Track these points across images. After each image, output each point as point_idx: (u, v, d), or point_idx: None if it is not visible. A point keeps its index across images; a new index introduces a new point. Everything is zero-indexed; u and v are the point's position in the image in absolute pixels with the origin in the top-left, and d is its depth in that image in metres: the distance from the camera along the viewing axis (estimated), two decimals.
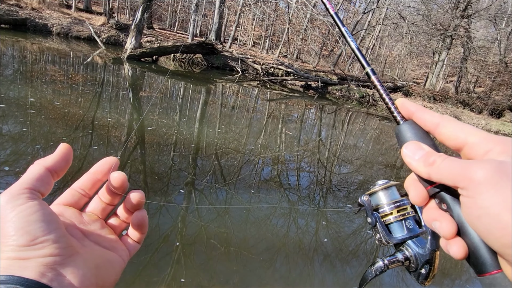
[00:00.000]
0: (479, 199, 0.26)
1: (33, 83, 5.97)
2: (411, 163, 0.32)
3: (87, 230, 0.38)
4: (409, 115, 0.36)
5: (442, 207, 0.31)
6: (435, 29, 20.88)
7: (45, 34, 13.17)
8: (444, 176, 0.29)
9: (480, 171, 0.26)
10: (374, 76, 0.38)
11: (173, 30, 25.22)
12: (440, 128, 0.33)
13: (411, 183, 0.34)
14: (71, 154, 0.39)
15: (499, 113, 17.95)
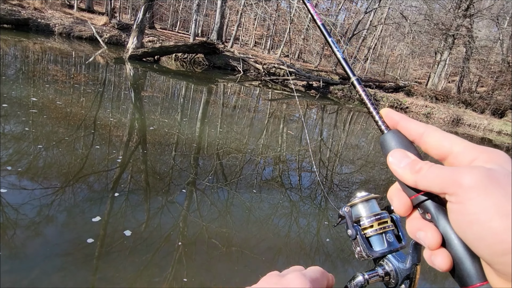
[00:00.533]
0: (468, 205, 0.25)
1: (35, 82, 5.99)
2: (397, 171, 0.32)
3: None
4: (394, 125, 0.36)
5: (426, 217, 0.30)
6: (437, 28, 20.81)
7: (47, 34, 13.20)
8: (432, 183, 0.29)
9: (470, 176, 0.26)
10: (359, 85, 0.39)
11: (174, 30, 25.24)
12: (424, 137, 0.33)
13: (395, 193, 0.33)
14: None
15: (502, 113, 17.88)
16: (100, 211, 2.70)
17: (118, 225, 2.59)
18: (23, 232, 2.28)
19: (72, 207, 2.69)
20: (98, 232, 2.45)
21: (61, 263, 2.08)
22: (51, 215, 2.52)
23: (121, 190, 3.13)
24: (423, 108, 15.64)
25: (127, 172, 3.55)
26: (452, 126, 14.20)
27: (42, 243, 2.23)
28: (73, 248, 2.23)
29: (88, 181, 3.15)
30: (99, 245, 2.31)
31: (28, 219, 2.41)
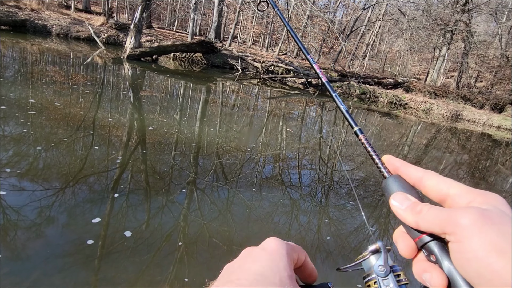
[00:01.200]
0: (466, 243, 0.27)
1: (33, 84, 5.98)
2: (399, 213, 0.34)
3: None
4: (395, 170, 0.38)
5: (431, 259, 0.31)
6: (436, 24, 20.78)
7: (45, 35, 13.17)
8: (432, 223, 0.30)
9: (466, 216, 0.28)
10: (361, 135, 0.42)
11: (172, 29, 25.19)
12: (424, 181, 0.35)
13: (400, 236, 0.35)
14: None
15: (501, 108, 17.88)
16: (100, 212, 2.70)
17: (118, 226, 2.59)
18: (24, 233, 2.28)
19: (72, 208, 2.69)
20: (98, 233, 2.45)
21: (62, 264, 2.08)
22: (51, 217, 2.52)
23: (121, 190, 3.13)
24: (422, 104, 15.64)
25: (127, 172, 3.55)
26: (451, 121, 14.20)
27: (42, 244, 2.23)
28: (74, 249, 2.23)
29: (88, 182, 3.15)
30: (100, 246, 2.31)
31: (28, 220, 2.41)
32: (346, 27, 24.42)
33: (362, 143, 0.42)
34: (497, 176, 7.17)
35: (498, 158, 8.97)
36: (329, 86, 0.49)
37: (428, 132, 10.95)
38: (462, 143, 10.17)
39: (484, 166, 7.80)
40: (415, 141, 9.12)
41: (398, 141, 8.44)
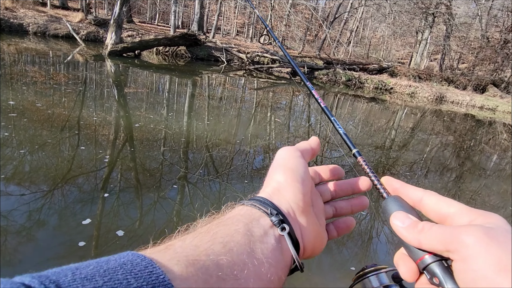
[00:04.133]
0: (471, 262, 0.26)
1: (12, 85, 5.79)
2: (400, 231, 0.33)
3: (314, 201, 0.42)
4: (394, 191, 0.39)
5: (434, 281, 0.30)
6: (417, 7, 20.93)
7: (21, 34, 12.72)
8: (434, 241, 0.30)
9: (471, 233, 0.27)
10: (360, 157, 0.44)
11: (154, 23, 24.66)
12: (423, 201, 0.35)
13: (400, 258, 0.34)
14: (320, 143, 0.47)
15: (483, 88, 18.28)
16: (91, 212, 2.67)
17: (110, 226, 2.57)
18: (14, 238, 2.24)
19: (62, 210, 2.65)
20: (90, 234, 2.42)
21: (55, 267, 2.06)
22: (41, 220, 2.48)
23: (111, 189, 3.09)
24: (407, 88, 15.85)
25: (116, 171, 3.50)
26: (436, 104, 14.46)
27: (33, 248, 2.20)
28: (66, 252, 2.21)
29: (77, 182, 3.10)
30: (93, 246, 2.29)
31: (17, 225, 2.37)
32: (329, 14, 24.38)
33: (360, 164, 0.43)
34: (481, 155, 7.37)
35: (481, 138, 9.21)
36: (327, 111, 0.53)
37: (414, 115, 11.14)
38: (447, 124, 10.39)
39: (468, 146, 8.01)
40: (402, 125, 9.27)
41: (385, 126, 8.56)
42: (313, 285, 2.31)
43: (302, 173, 0.38)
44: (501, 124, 11.95)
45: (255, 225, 0.34)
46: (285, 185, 0.37)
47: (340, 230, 0.45)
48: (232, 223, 0.33)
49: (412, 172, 5.22)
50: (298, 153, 0.40)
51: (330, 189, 0.46)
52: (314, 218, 0.39)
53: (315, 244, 0.39)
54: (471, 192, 4.81)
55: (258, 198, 0.37)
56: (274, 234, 0.34)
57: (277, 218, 0.34)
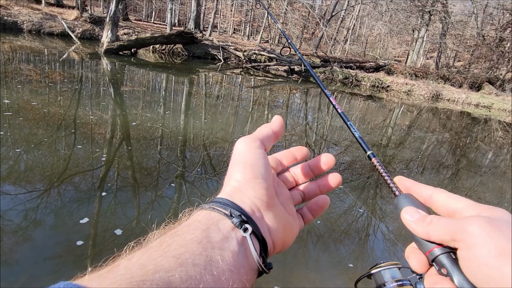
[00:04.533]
0: (476, 249, 0.28)
1: (7, 84, 5.74)
2: (410, 225, 0.35)
3: (278, 191, 0.42)
4: (406, 189, 0.40)
5: (442, 272, 0.32)
6: (414, 5, 20.98)
7: (16, 32, 12.61)
8: (442, 232, 0.32)
9: (475, 223, 0.29)
10: (374, 158, 0.45)
11: (150, 21, 24.53)
12: (433, 198, 0.37)
13: (411, 251, 0.37)
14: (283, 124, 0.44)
15: (478, 86, 18.39)
16: (88, 211, 2.66)
17: (108, 225, 2.56)
18: (10, 238, 2.23)
19: (59, 209, 2.64)
20: (87, 233, 2.41)
21: (51, 267, 2.05)
22: (37, 219, 2.46)
23: (108, 188, 3.08)
24: (403, 86, 15.91)
25: (113, 169, 3.49)
26: (432, 101, 14.53)
27: (30, 247, 2.19)
28: (63, 251, 2.20)
29: (74, 182, 3.09)
30: (91, 245, 2.28)
31: (14, 224, 2.35)
32: (326, 12, 24.36)
33: (374, 165, 0.44)
34: (477, 152, 7.43)
35: (477, 135, 9.28)
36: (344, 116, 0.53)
37: (410, 113, 11.18)
38: (443, 122, 10.45)
39: (464, 143, 8.06)
40: (398, 122, 9.31)
41: (382, 123, 8.59)
42: (311, 282, 2.32)
43: (262, 166, 0.36)
44: (496, 122, 12.04)
45: (214, 230, 0.32)
46: (245, 182, 0.36)
47: (314, 212, 0.44)
48: (188, 231, 0.31)
49: (408, 170, 5.25)
50: (257, 143, 0.38)
51: (293, 174, 0.46)
52: (281, 210, 0.39)
53: (285, 237, 0.38)
54: (466, 189, 4.85)
55: (217, 199, 0.36)
56: (236, 237, 0.32)
57: (238, 219, 0.33)
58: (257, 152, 0.37)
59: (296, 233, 0.42)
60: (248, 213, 0.34)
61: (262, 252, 0.34)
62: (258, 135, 0.40)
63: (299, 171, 0.46)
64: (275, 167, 0.44)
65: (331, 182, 0.44)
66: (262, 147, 0.38)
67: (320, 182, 0.45)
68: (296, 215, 0.43)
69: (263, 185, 0.36)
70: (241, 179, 0.36)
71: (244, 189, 0.36)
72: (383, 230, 3.30)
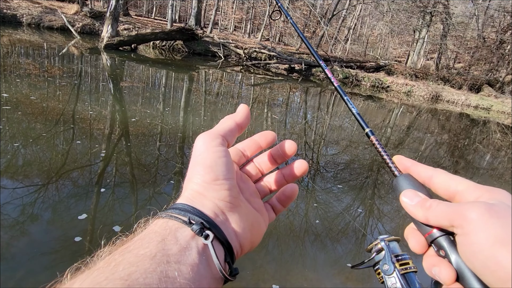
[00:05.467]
0: (472, 236, 0.28)
1: (6, 77, 5.71)
2: (409, 208, 0.35)
3: (243, 187, 0.40)
4: (405, 169, 0.39)
5: (440, 253, 0.33)
6: (415, 6, 20.96)
7: (15, 26, 12.54)
8: (440, 217, 0.32)
9: (474, 210, 0.29)
10: (373, 136, 0.44)
11: (150, 17, 24.44)
12: (433, 179, 0.36)
13: (410, 232, 0.37)
14: (250, 114, 0.42)
15: (478, 88, 18.41)
16: (86, 207, 2.65)
17: (106, 221, 2.56)
18: (7, 232, 2.22)
19: (56, 204, 2.63)
20: (85, 229, 2.41)
21: (48, 262, 2.05)
22: (35, 214, 2.46)
23: (106, 184, 3.07)
24: (403, 86, 15.91)
25: (112, 165, 3.48)
26: (431, 102, 14.54)
27: (27, 242, 2.18)
28: (60, 246, 2.20)
29: (72, 177, 3.08)
30: (88, 241, 2.28)
31: (11, 218, 2.35)
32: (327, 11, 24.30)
33: (373, 143, 0.43)
34: (475, 154, 7.44)
35: (476, 137, 9.30)
36: (340, 90, 0.51)
37: (410, 114, 11.20)
38: (442, 123, 10.46)
39: (463, 145, 8.08)
40: (398, 123, 9.32)
41: (381, 124, 8.60)
42: (308, 281, 2.32)
43: (224, 166, 0.34)
44: (495, 124, 12.07)
45: (170, 241, 0.29)
46: (206, 185, 0.33)
47: (283, 202, 0.42)
48: (141, 245, 0.28)
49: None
50: (218, 140, 0.36)
51: (257, 165, 0.44)
52: (247, 208, 0.37)
53: (252, 236, 0.36)
54: None
55: (176, 205, 0.33)
56: (196, 246, 0.30)
57: (198, 226, 0.30)
58: (217, 150, 0.35)
59: (265, 229, 0.40)
60: (210, 218, 0.32)
61: (228, 257, 0.32)
62: (219, 130, 0.38)
63: (263, 160, 0.43)
64: (238, 160, 0.42)
65: (296, 170, 0.42)
66: (223, 143, 0.36)
67: (285, 171, 0.42)
68: (263, 209, 0.41)
69: (225, 186, 0.34)
70: (201, 181, 0.34)
71: (206, 192, 0.33)
72: (380, 229, 3.31)
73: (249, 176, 0.43)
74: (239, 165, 0.43)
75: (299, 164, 0.42)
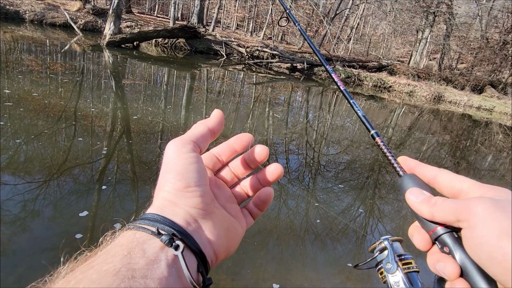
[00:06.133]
0: (478, 229, 0.29)
1: (8, 74, 5.72)
2: (415, 206, 0.36)
3: (217, 193, 0.40)
4: (410, 169, 0.40)
5: (444, 250, 0.33)
6: (418, 6, 20.88)
7: (18, 22, 12.55)
8: (446, 213, 0.32)
9: (480, 204, 0.30)
10: (378, 137, 0.45)
11: (153, 14, 24.43)
12: (438, 178, 0.37)
13: (415, 230, 0.37)
14: (224, 119, 0.41)
15: (481, 89, 18.34)
16: (87, 204, 2.66)
17: (107, 218, 2.57)
18: (8, 228, 2.23)
19: (58, 201, 2.64)
20: (86, 226, 2.42)
21: (49, 258, 2.06)
22: (36, 210, 2.47)
23: (107, 181, 3.08)
24: (405, 86, 15.87)
25: (113, 163, 3.49)
26: (433, 103, 14.50)
27: (28, 238, 2.19)
28: (61, 243, 2.20)
29: (73, 174, 3.09)
30: (89, 239, 2.29)
31: (12, 215, 2.35)
32: (330, 10, 24.23)
33: (378, 145, 0.44)
34: (477, 155, 7.42)
35: (478, 138, 9.27)
36: (347, 94, 0.52)
37: (412, 114, 11.17)
38: (444, 124, 10.43)
39: (464, 146, 8.05)
40: (399, 123, 9.30)
41: (383, 124, 8.58)
42: (309, 280, 2.33)
43: (195, 172, 0.33)
44: (497, 125, 12.02)
45: (137, 254, 0.27)
46: (177, 193, 0.32)
47: (259, 207, 0.42)
48: (105, 260, 0.26)
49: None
50: (189, 146, 0.35)
51: (232, 170, 0.43)
52: (222, 214, 0.37)
53: (228, 243, 0.36)
54: None
55: (145, 216, 0.31)
56: (166, 258, 0.28)
57: (168, 236, 0.29)
58: (188, 157, 0.34)
59: (241, 235, 0.39)
60: (181, 226, 0.31)
61: (201, 267, 0.31)
62: (190, 136, 0.36)
63: (237, 165, 0.43)
64: (213, 165, 0.42)
65: (269, 175, 0.41)
66: (195, 149, 0.35)
67: (260, 176, 0.42)
68: (240, 215, 0.40)
69: (197, 193, 0.33)
70: (172, 189, 0.32)
71: (177, 200, 0.32)
72: (381, 230, 3.30)
73: (225, 182, 0.42)
74: (214, 170, 0.42)
75: (273, 169, 0.41)
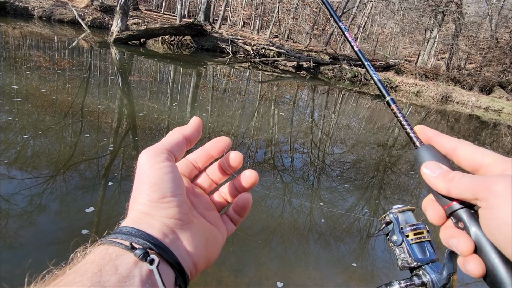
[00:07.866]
0: (498, 209, 0.27)
1: (17, 70, 5.79)
2: (431, 180, 0.34)
3: (195, 201, 0.39)
4: (427, 140, 0.38)
5: (459, 225, 0.32)
6: (427, 5, 20.64)
7: (26, 18, 12.68)
8: (464, 190, 0.31)
9: (500, 183, 0.28)
10: (394, 104, 0.43)
11: (160, 11, 24.50)
12: (457, 151, 0.35)
13: (429, 204, 0.36)
14: (202, 126, 0.41)
15: (489, 90, 18.10)
16: (93, 200, 2.69)
17: (112, 213, 2.59)
18: (16, 221, 2.26)
19: (64, 196, 2.67)
20: (92, 222, 2.44)
21: (55, 252, 2.08)
22: (43, 205, 2.50)
23: (113, 177, 3.10)
24: (412, 86, 15.72)
25: (119, 159, 3.52)
26: (441, 103, 14.35)
27: (35, 232, 2.22)
28: (67, 237, 2.23)
29: (79, 169, 3.12)
30: (94, 234, 2.31)
31: (19, 208, 2.39)
32: (337, 9, 24.08)
33: (394, 112, 0.42)
34: None
35: (485, 139, 9.16)
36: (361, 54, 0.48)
37: (418, 114, 11.07)
38: (451, 124, 10.32)
39: None
40: None
41: (389, 123, 8.52)
42: (312, 279, 2.33)
43: (171, 182, 0.32)
44: (505, 126, 11.87)
45: (108, 271, 0.26)
46: (152, 204, 0.31)
47: (239, 213, 0.41)
48: (73, 279, 0.25)
49: (414, 171, 5.21)
50: (163, 155, 0.33)
51: (210, 177, 0.42)
52: (201, 223, 0.36)
53: (208, 252, 0.35)
54: None
55: (119, 229, 0.30)
56: (140, 274, 0.27)
57: (142, 251, 0.28)
58: (162, 166, 0.32)
59: (222, 243, 0.38)
60: (157, 239, 0.29)
61: (179, 280, 0.30)
62: (164, 145, 0.35)
63: (214, 171, 0.42)
64: (189, 173, 0.41)
65: (244, 181, 0.40)
66: (169, 158, 0.34)
67: (236, 182, 0.41)
68: (220, 222, 0.39)
69: (174, 203, 0.32)
70: (146, 201, 0.31)
71: (153, 211, 0.31)
72: None
73: (203, 189, 0.41)
74: (190, 177, 0.41)
75: (248, 175, 0.39)
